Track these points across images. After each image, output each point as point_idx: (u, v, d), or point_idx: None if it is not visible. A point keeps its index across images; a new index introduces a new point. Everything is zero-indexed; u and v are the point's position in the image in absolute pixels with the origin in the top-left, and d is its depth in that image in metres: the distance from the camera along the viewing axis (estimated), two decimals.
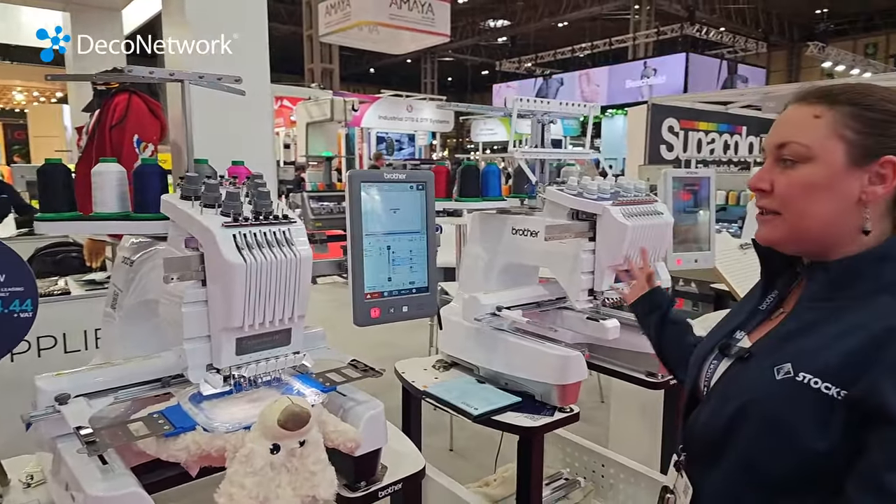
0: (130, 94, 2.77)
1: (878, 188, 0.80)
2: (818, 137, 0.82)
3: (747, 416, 0.81)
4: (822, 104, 0.83)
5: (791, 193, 0.84)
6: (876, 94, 0.83)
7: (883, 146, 0.80)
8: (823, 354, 0.77)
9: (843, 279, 0.82)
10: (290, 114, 11.26)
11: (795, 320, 0.85)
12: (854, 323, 0.77)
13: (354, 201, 1.18)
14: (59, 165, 1.21)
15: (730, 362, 0.90)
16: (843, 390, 0.74)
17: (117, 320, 1.38)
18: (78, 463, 0.95)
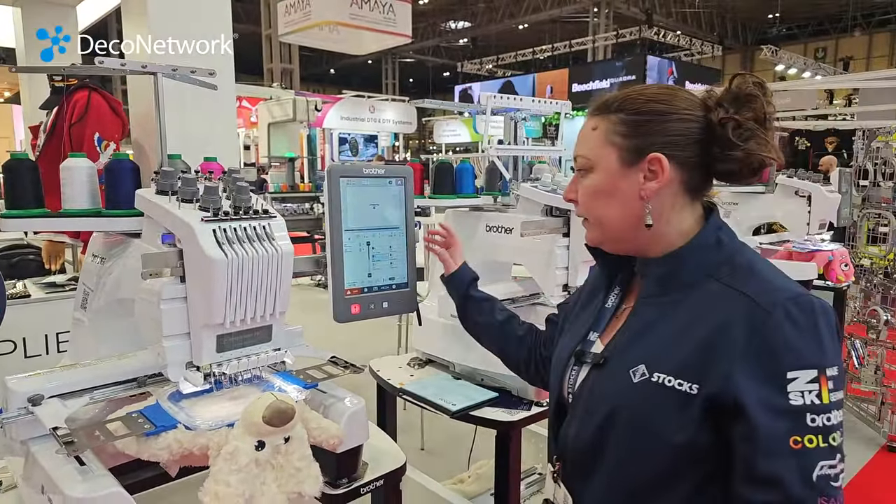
0: (90, 91, 2.69)
1: (652, 184, 0.86)
2: (595, 147, 0.90)
3: (614, 422, 0.83)
4: (599, 115, 0.90)
5: (585, 201, 0.93)
6: (645, 96, 0.89)
7: (649, 144, 0.86)
8: (672, 351, 0.80)
9: (670, 273, 0.87)
10: (249, 114, 11.07)
11: (638, 319, 0.89)
12: (691, 316, 0.81)
13: (334, 196, 1.18)
14: (26, 161, 1.17)
15: (588, 369, 0.92)
16: (695, 384, 0.77)
17: (87, 321, 1.34)
18: (54, 465, 0.92)
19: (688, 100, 0.87)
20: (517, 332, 1.22)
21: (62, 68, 1.39)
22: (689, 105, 0.86)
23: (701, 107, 0.86)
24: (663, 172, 0.84)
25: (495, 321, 1.25)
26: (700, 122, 0.85)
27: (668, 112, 0.85)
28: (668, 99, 0.86)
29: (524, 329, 1.23)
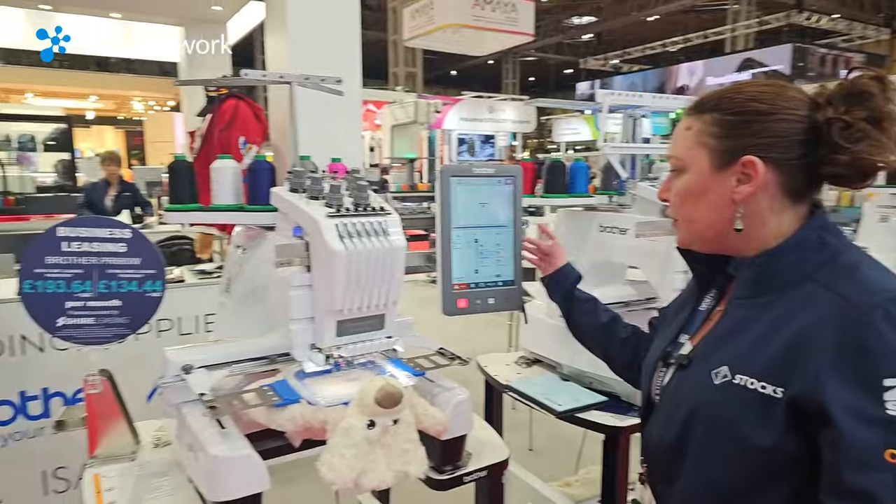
0: (238, 100, 3.00)
1: (745, 187, 0.81)
2: (688, 148, 0.87)
3: (694, 427, 0.81)
4: (693, 115, 0.86)
5: (677, 202, 0.90)
6: (745, 94, 0.83)
7: (743, 146, 0.80)
8: (757, 354, 0.76)
9: (765, 274, 0.82)
10: (374, 117, 11.62)
11: (728, 321, 0.85)
12: (780, 317, 0.76)
13: (445, 195, 1.24)
14: (185, 162, 1.36)
15: (673, 370, 0.89)
16: (779, 388, 0.72)
17: (230, 305, 1.52)
18: (200, 426, 1.07)
19: (794, 98, 0.81)
20: (621, 334, 1.21)
21: (214, 80, 1.57)
22: (793, 104, 0.81)
23: (808, 105, 0.81)
24: (757, 176, 0.80)
25: (599, 322, 1.24)
26: (805, 122, 0.80)
27: (768, 112, 0.81)
28: (771, 98, 0.82)
29: (628, 331, 1.21)
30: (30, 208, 5.13)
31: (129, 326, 1.29)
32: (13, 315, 1.16)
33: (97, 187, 5.41)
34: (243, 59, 18.68)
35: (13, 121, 7.97)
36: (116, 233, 1.27)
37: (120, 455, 1.28)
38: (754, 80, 0.86)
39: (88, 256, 1.25)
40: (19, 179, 5.21)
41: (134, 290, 1.29)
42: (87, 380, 1.25)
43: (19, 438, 2.30)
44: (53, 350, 2.30)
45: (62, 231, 1.22)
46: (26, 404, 2.29)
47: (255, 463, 1.00)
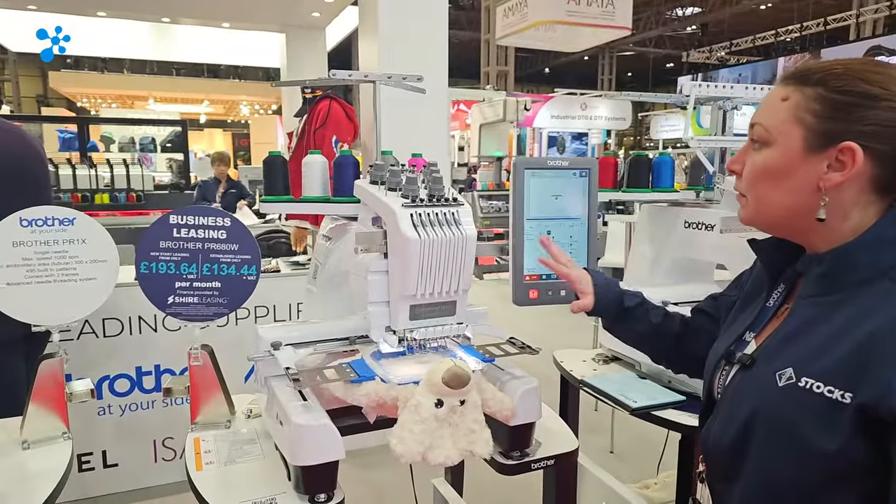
0: (331, 101, 3.17)
1: (836, 175, 0.74)
2: (779, 121, 0.79)
3: (755, 428, 0.76)
4: (793, 85, 0.78)
5: (751, 178, 0.82)
6: (855, 72, 0.74)
7: (844, 131, 0.73)
8: (824, 355, 0.71)
9: (837, 272, 0.75)
10: (465, 117, 11.74)
11: (795, 320, 0.79)
12: (852, 317, 0.70)
13: (518, 187, 1.27)
14: (279, 157, 1.47)
15: (737, 369, 0.84)
16: (847, 392, 0.67)
17: (317, 290, 1.63)
18: (286, 398, 1.16)
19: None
20: (673, 329, 1.17)
21: (306, 81, 1.69)
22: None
23: None
24: (853, 165, 0.74)
25: (652, 325, 1.17)
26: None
27: (879, 97, 0.73)
28: (883, 80, 0.74)
29: (678, 326, 1.17)
30: (148, 204, 5.67)
31: (228, 306, 1.42)
32: (132, 298, 1.32)
33: (209, 185, 5.90)
34: (342, 62, 19.51)
35: (136, 124, 8.81)
36: (219, 221, 1.40)
37: (217, 422, 1.42)
38: (865, 59, 0.78)
39: (195, 242, 1.39)
40: (140, 178, 5.75)
41: (232, 273, 1.42)
42: (191, 353, 1.40)
43: (134, 409, 2.57)
44: (165, 330, 2.55)
45: (174, 219, 1.37)
46: (141, 378, 2.57)
47: (332, 432, 1.08)
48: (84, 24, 8.19)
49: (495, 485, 1.59)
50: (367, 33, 3.67)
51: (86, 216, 1.41)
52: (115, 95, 17.87)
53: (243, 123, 21.01)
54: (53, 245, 1.36)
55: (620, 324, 1.20)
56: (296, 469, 1.10)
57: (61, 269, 1.37)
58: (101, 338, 2.46)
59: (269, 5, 6.30)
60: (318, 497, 1.10)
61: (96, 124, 9.54)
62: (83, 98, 18.16)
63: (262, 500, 1.11)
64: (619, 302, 1.18)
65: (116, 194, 5.61)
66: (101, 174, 5.64)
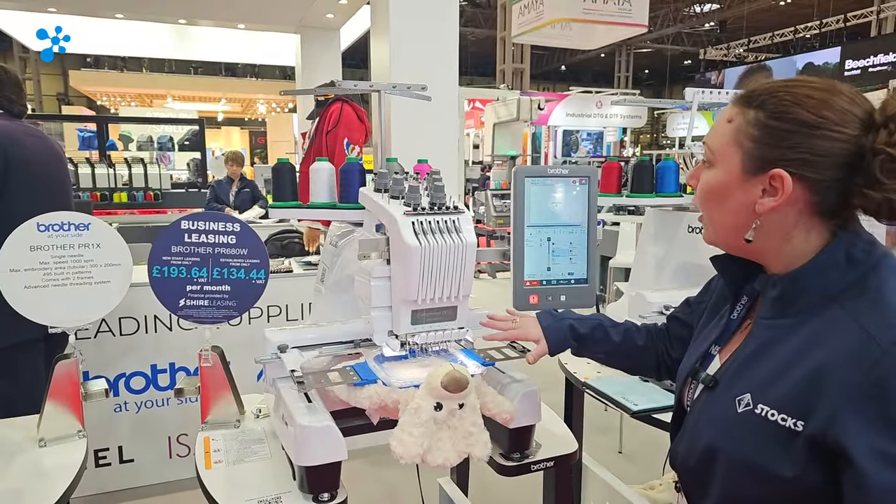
0: (343, 103, 3.21)
1: (769, 200, 0.75)
2: (723, 143, 0.80)
3: (717, 453, 0.78)
4: (738, 107, 0.79)
5: (700, 196, 0.83)
6: (793, 95, 0.74)
7: (777, 158, 0.73)
8: (778, 382, 0.72)
9: (789, 295, 0.76)
10: (481, 115, 11.74)
11: (754, 341, 0.80)
12: (804, 344, 0.71)
13: (518, 194, 1.29)
14: (287, 164, 1.51)
15: (701, 388, 0.86)
16: (800, 421, 0.68)
17: (324, 292, 1.67)
18: (291, 399, 1.20)
19: (844, 111, 0.73)
20: (637, 342, 1.18)
21: (312, 90, 1.73)
22: (844, 118, 0.73)
23: (859, 124, 0.72)
24: (784, 192, 0.74)
25: (615, 343, 1.19)
26: (851, 144, 0.72)
27: (814, 125, 0.73)
28: (821, 106, 0.73)
29: (643, 338, 1.18)
30: (165, 202, 5.77)
31: (237, 309, 1.47)
32: (148, 297, 1.37)
33: (222, 184, 5.98)
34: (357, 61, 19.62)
35: (154, 123, 8.95)
36: (228, 226, 1.44)
37: (227, 422, 1.46)
38: (808, 80, 0.77)
39: (205, 247, 1.43)
40: (158, 176, 5.85)
41: (241, 277, 1.46)
42: (202, 354, 1.44)
43: (150, 406, 2.64)
44: (180, 329, 2.61)
45: (185, 224, 1.42)
46: (156, 376, 2.63)
47: (335, 434, 1.11)
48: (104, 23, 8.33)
49: (500, 484, 1.62)
50: (378, 35, 3.70)
51: (101, 221, 1.46)
52: (134, 94, 18.14)
53: (260, 122, 21.22)
54: (69, 249, 1.41)
55: (583, 350, 1.23)
56: (300, 469, 1.14)
57: (77, 273, 1.42)
58: (118, 336, 2.53)
59: (283, 7, 6.37)
60: (322, 496, 1.13)
61: (115, 123, 9.71)
62: (103, 97, 18.46)
63: (268, 498, 1.15)
64: (573, 332, 1.20)
65: (134, 193, 5.72)
66: (119, 173, 5.75)
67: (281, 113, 19.01)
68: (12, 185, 2.00)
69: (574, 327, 1.20)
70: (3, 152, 1.98)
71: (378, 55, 3.72)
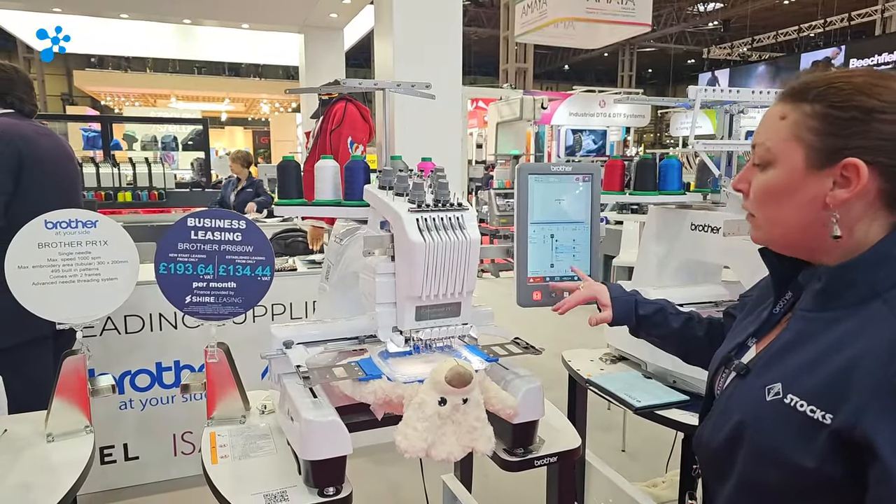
0: (346, 102, 3.21)
1: (842, 192, 0.73)
2: (779, 140, 0.79)
3: (742, 437, 0.78)
4: (790, 103, 0.77)
5: (758, 199, 0.82)
6: (853, 86, 0.73)
7: (845, 147, 0.72)
8: (812, 373, 0.71)
9: (834, 288, 0.75)
10: (484, 115, 11.75)
11: (790, 333, 0.79)
12: (842, 337, 0.71)
13: (522, 192, 1.30)
14: (292, 162, 1.52)
15: (733, 376, 0.86)
16: (829, 414, 0.68)
17: (328, 290, 1.68)
18: (297, 395, 1.21)
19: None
20: (697, 332, 1.20)
21: (316, 89, 1.74)
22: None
23: None
24: (859, 182, 0.72)
25: (673, 330, 1.22)
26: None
27: (878, 109, 0.71)
28: (881, 92, 0.72)
29: (704, 328, 1.20)
30: (170, 202, 5.79)
31: (243, 306, 1.48)
32: (153, 295, 1.38)
33: (228, 183, 6.00)
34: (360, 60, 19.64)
35: (158, 123, 8.98)
36: (234, 224, 1.46)
37: (232, 418, 1.48)
38: (867, 70, 0.76)
39: (211, 244, 1.44)
40: (162, 176, 5.87)
41: (247, 274, 1.47)
42: (207, 350, 1.46)
43: (155, 404, 2.65)
44: (185, 327, 2.63)
45: (191, 221, 1.43)
46: (161, 374, 2.65)
47: (340, 428, 1.12)
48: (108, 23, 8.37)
49: (503, 480, 1.63)
50: (382, 35, 3.72)
51: (108, 219, 1.47)
52: (137, 94, 18.20)
53: (264, 121, 21.25)
54: (77, 246, 1.43)
55: (640, 331, 1.28)
56: (305, 463, 1.15)
57: (84, 270, 1.44)
58: (123, 334, 2.54)
59: (287, 7, 6.39)
60: (327, 490, 1.14)
61: (119, 123, 9.74)
62: (107, 97, 18.52)
63: (273, 492, 1.16)
64: (635, 311, 1.25)
65: (139, 192, 5.74)
66: (123, 172, 5.77)
67: (284, 113, 19.06)
68: (25, 183, 2.02)
69: (639, 306, 1.25)
70: (17, 151, 2.00)
71: (382, 55, 3.73)
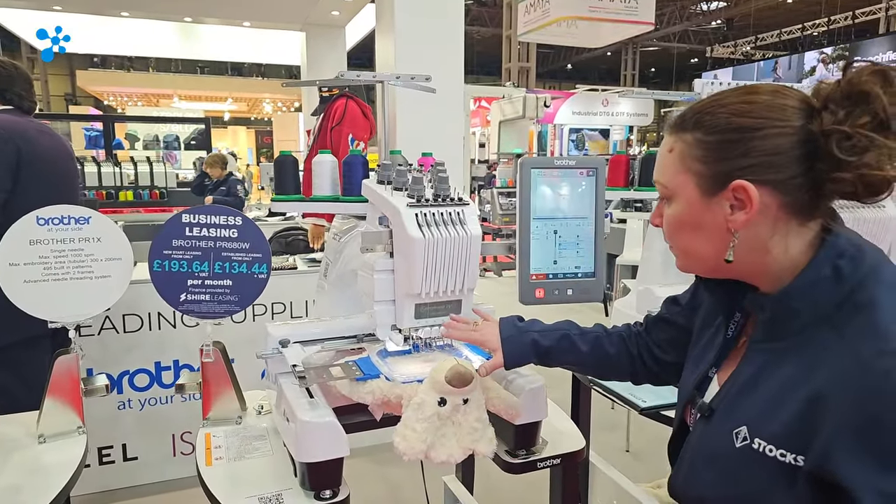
0: (347, 99, 3.19)
1: (741, 214, 0.71)
2: (672, 174, 0.78)
3: (718, 489, 0.75)
4: (674, 134, 0.77)
5: (668, 232, 0.81)
6: (727, 107, 0.72)
7: (732, 169, 0.71)
8: (775, 414, 0.68)
9: (779, 318, 0.72)
10: (486, 113, 11.72)
11: (749, 367, 0.76)
12: (797, 371, 0.68)
13: (524, 186, 1.27)
14: (289, 157, 1.49)
15: (698, 416, 0.82)
16: (800, 456, 0.65)
17: (327, 287, 1.64)
18: (293, 395, 1.18)
19: (784, 107, 0.71)
20: (608, 350, 1.12)
21: (314, 82, 1.71)
22: (784, 114, 0.71)
23: (800, 113, 0.70)
24: (751, 202, 0.71)
25: (583, 353, 1.12)
26: (799, 134, 0.70)
27: (755, 127, 0.71)
28: (754, 109, 0.71)
29: (614, 344, 1.12)
30: (171, 201, 5.77)
31: (239, 304, 1.45)
32: (151, 294, 1.35)
33: None
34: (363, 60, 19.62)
35: (161, 122, 8.97)
36: (230, 220, 1.42)
37: (228, 418, 1.45)
38: (739, 89, 0.75)
39: (207, 241, 1.41)
40: (164, 175, 5.85)
41: (243, 271, 1.44)
42: (203, 349, 1.42)
43: (154, 404, 2.62)
44: (184, 326, 2.60)
45: (186, 218, 1.40)
46: (160, 374, 2.62)
47: (337, 429, 1.09)
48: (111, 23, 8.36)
49: (505, 482, 1.60)
50: (383, 33, 3.68)
51: (101, 215, 1.44)
52: (140, 94, 18.21)
53: (266, 121, 21.25)
54: (69, 243, 1.40)
55: (550, 363, 1.15)
56: (301, 465, 1.12)
57: (77, 267, 1.40)
58: (122, 333, 2.51)
59: (289, 4, 6.36)
60: (324, 493, 1.11)
61: (122, 122, 9.74)
62: (109, 96, 18.54)
63: (268, 495, 1.13)
64: (535, 346, 1.12)
65: (140, 191, 5.73)
66: (125, 171, 5.75)
67: (287, 112, 19.04)
68: (23, 181, 1.99)
69: (537, 342, 1.11)
70: (15, 148, 1.97)
71: (383, 52, 3.70)
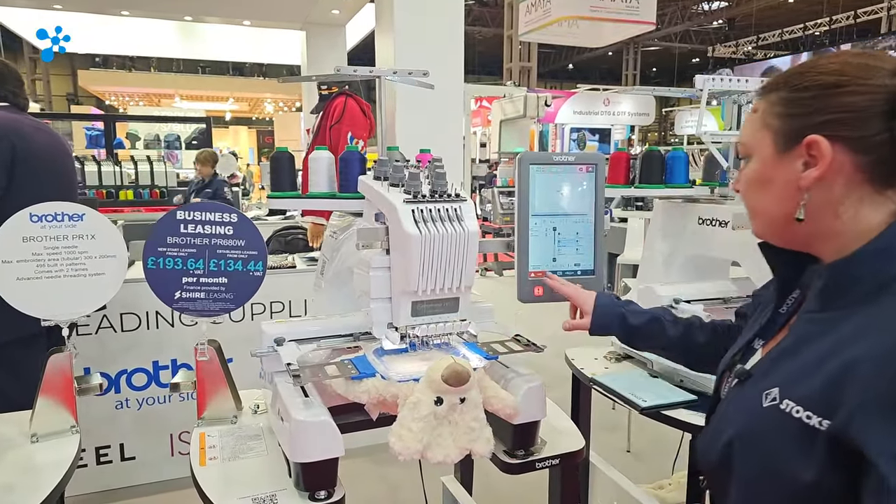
0: (347, 97, 3.17)
1: (812, 171, 0.71)
2: (752, 132, 0.80)
3: (737, 447, 0.73)
4: (762, 96, 0.78)
5: (742, 190, 0.82)
6: (816, 68, 0.73)
7: (807, 125, 0.71)
8: (810, 377, 0.66)
9: (836, 286, 0.71)
10: (487, 113, 11.71)
11: (792, 336, 0.75)
12: (847, 337, 0.66)
13: (523, 182, 1.25)
14: (286, 153, 1.47)
15: (734, 381, 0.82)
16: (825, 420, 0.63)
17: (324, 285, 1.63)
18: (288, 394, 1.16)
19: (873, 67, 0.70)
20: (698, 339, 1.14)
21: (311, 77, 1.69)
22: (871, 73, 0.70)
23: (887, 72, 0.69)
24: (823, 158, 0.70)
25: (672, 339, 1.17)
26: (883, 92, 0.68)
27: (837, 84, 0.70)
28: (843, 68, 0.71)
29: (705, 335, 1.14)
30: (171, 200, 5.75)
31: (234, 302, 1.43)
32: (150, 292, 1.33)
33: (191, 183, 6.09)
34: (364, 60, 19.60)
35: (162, 121, 8.96)
36: (225, 217, 1.41)
37: (223, 418, 1.43)
38: (836, 52, 0.77)
39: (202, 238, 1.39)
40: (164, 174, 5.84)
41: (239, 269, 1.42)
42: (197, 348, 1.41)
43: (151, 403, 2.61)
44: (182, 325, 2.58)
45: (180, 214, 1.38)
46: (158, 373, 2.60)
47: (331, 429, 1.07)
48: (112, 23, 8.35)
49: (504, 482, 1.58)
50: (382, 32, 3.67)
51: (95, 212, 1.43)
52: (142, 94, 18.22)
53: (268, 121, 21.25)
54: (63, 240, 1.38)
55: (634, 342, 1.24)
56: (296, 465, 1.10)
57: (71, 265, 1.39)
58: (119, 332, 2.50)
59: (288, 3, 6.35)
60: (318, 494, 1.09)
61: (123, 122, 9.74)
62: (111, 96, 18.55)
63: (262, 496, 1.11)
64: (622, 320, 1.21)
65: (140, 190, 5.71)
66: (126, 171, 5.74)
67: (288, 112, 19.04)
68: (19, 178, 1.98)
69: (625, 317, 1.21)
70: (10, 144, 1.96)
71: (383, 52, 3.69)
